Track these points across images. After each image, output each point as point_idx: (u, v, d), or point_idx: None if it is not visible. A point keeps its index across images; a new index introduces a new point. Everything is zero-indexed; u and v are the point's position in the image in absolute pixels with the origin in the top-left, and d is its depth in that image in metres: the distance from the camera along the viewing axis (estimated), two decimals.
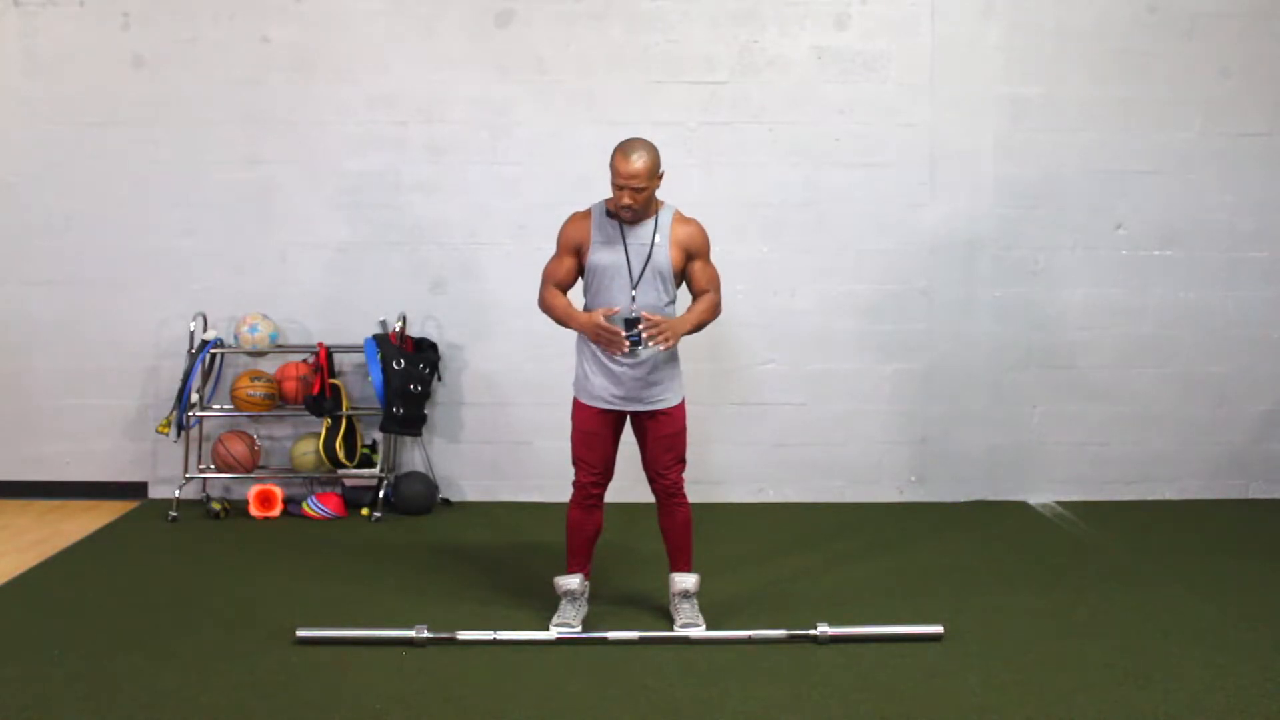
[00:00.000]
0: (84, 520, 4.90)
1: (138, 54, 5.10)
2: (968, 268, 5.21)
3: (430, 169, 5.14)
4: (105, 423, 5.24)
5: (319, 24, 5.09)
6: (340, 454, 4.95)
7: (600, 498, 3.61)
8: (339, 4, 5.09)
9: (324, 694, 3.10)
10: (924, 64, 5.12)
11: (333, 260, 5.19)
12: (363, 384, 5.18)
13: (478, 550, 4.50)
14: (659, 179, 3.43)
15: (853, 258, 5.19)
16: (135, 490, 5.27)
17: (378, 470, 5.08)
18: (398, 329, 5.04)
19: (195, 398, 5.00)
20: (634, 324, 3.42)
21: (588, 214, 3.54)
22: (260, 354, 5.14)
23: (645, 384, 3.49)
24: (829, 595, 3.94)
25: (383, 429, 4.97)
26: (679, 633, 3.53)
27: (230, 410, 5.11)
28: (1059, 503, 5.27)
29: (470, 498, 5.29)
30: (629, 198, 3.37)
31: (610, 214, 3.49)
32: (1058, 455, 5.30)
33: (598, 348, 3.48)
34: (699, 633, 3.52)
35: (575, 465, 3.58)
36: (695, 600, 3.65)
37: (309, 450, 5.01)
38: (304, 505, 4.99)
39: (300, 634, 3.45)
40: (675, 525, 3.64)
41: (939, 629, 3.52)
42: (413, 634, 3.43)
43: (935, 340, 5.24)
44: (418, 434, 5.07)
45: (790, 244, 5.18)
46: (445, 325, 5.22)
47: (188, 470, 5.05)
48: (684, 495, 3.63)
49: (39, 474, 5.27)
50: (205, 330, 5.09)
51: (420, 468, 5.25)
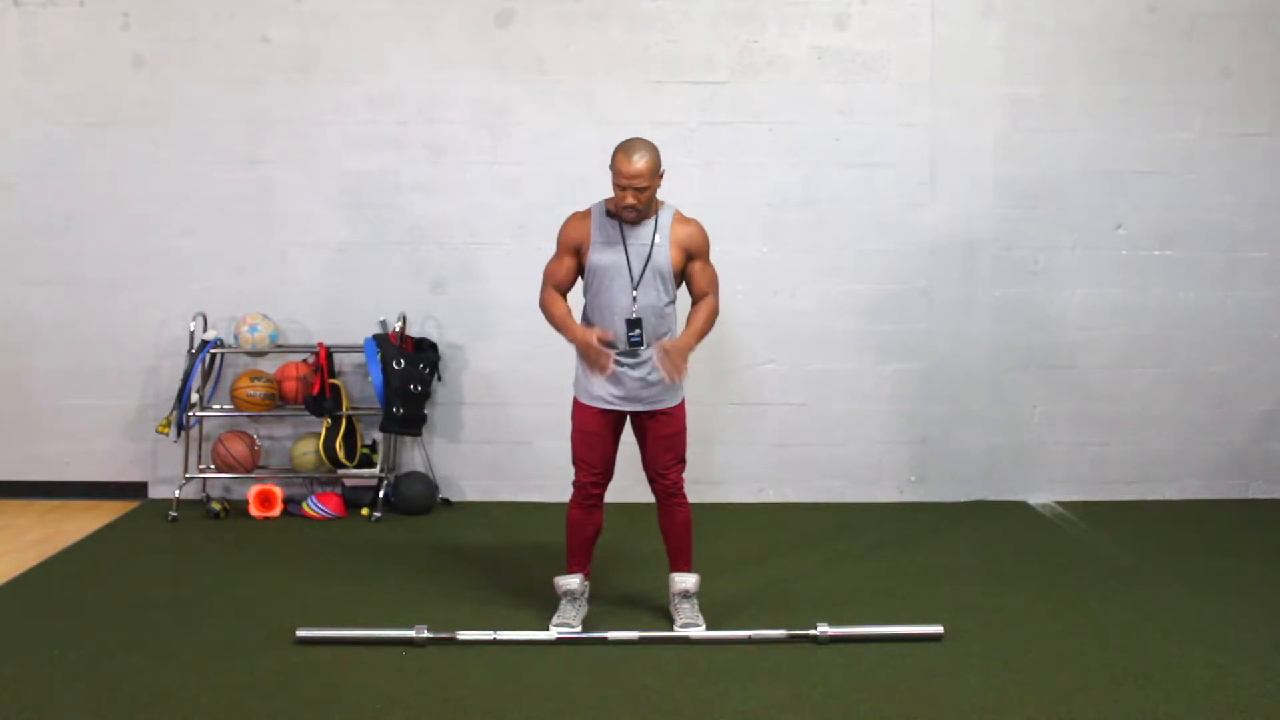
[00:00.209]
0: (84, 520, 4.90)
1: (138, 54, 5.10)
2: (968, 268, 5.21)
3: (430, 169, 5.14)
4: (105, 423, 5.24)
5: (319, 24, 5.09)
6: (340, 454, 4.95)
7: (600, 498, 3.61)
8: (339, 4, 5.09)
9: (324, 694, 3.10)
10: (924, 64, 5.13)
11: (333, 260, 5.19)
12: (363, 384, 5.18)
13: (478, 550, 4.50)
14: (660, 178, 3.43)
15: (853, 258, 5.19)
16: (135, 490, 5.27)
17: (378, 470, 5.08)
18: (398, 329, 5.04)
19: (195, 398, 5.00)
20: (635, 325, 3.43)
21: (587, 214, 3.54)
22: (260, 354, 5.14)
23: (645, 384, 3.49)
24: (829, 595, 3.94)
25: (383, 429, 4.97)
26: (679, 633, 3.53)
27: (230, 410, 5.11)
28: (1059, 503, 5.27)
29: (470, 498, 5.29)
30: (632, 197, 3.37)
31: (610, 214, 3.49)
32: (1058, 455, 5.30)
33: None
34: (699, 633, 3.52)
35: (575, 465, 3.59)
36: (695, 600, 3.65)
37: (309, 450, 5.01)
38: (304, 505, 5.00)
39: (300, 634, 3.45)
40: (675, 525, 3.64)
41: (939, 629, 3.52)
42: (413, 634, 3.43)
43: (935, 340, 5.24)
44: (418, 434, 5.07)
45: (790, 244, 5.18)
46: (445, 325, 5.22)
47: (188, 470, 5.05)
48: (684, 495, 3.63)
49: (39, 474, 5.27)
50: (205, 330, 5.10)
51: (420, 468, 5.25)
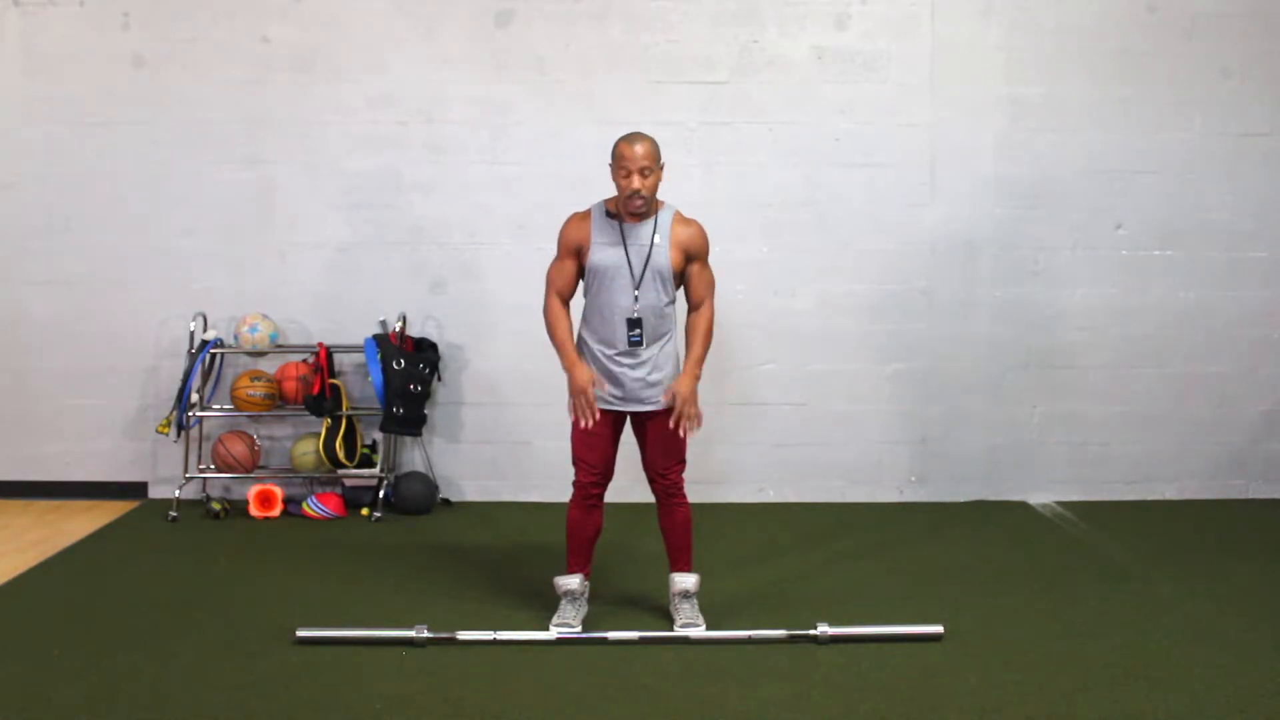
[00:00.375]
0: (84, 520, 4.90)
1: (138, 54, 5.10)
2: (968, 268, 5.21)
3: (430, 169, 5.14)
4: (105, 423, 5.24)
5: (319, 24, 5.09)
6: (340, 454, 4.95)
7: (600, 498, 3.61)
8: (339, 4, 5.09)
9: (324, 694, 3.10)
10: (924, 64, 5.13)
11: (333, 260, 5.19)
12: (363, 384, 5.18)
13: (478, 550, 4.50)
14: (661, 170, 3.44)
15: (853, 258, 5.19)
16: (135, 490, 5.27)
17: (378, 470, 5.08)
18: (398, 329, 5.04)
19: (195, 398, 5.00)
20: (636, 324, 3.43)
21: (587, 215, 3.54)
22: (260, 354, 5.14)
23: (645, 384, 3.50)
24: (829, 595, 3.94)
25: (383, 429, 4.97)
26: (679, 633, 3.53)
27: (230, 410, 5.11)
28: (1059, 503, 5.27)
29: (470, 498, 5.29)
30: (638, 180, 3.36)
31: (610, 214, 3.49)
32: (1058, 455, 5.30)
33: (599, 349, 3.49)
34: (699, 633, 3.52)
35: (575, 465, 3.58)
36: (695, 600, 3.65)
37: (309, 450, 5.01)
38: (304, 505, 4.99)
39: (300, 634, 3.45)
40: (675, 525, 3.64)
41: (939, 629, 3.52)
42: (413, 634, 3.43)
43: (935, 340, 5.24)
44: (418, 434, 5.07)
45: (790, 244, 5.18)
46: (445, 325, 5.22)
47: (188, 470, 5.05)
48: (684, 495, 3.63)
49: (39, 474, 5.27)
50: (205, 330, 5.09)
51: (420, 468, 5.25)
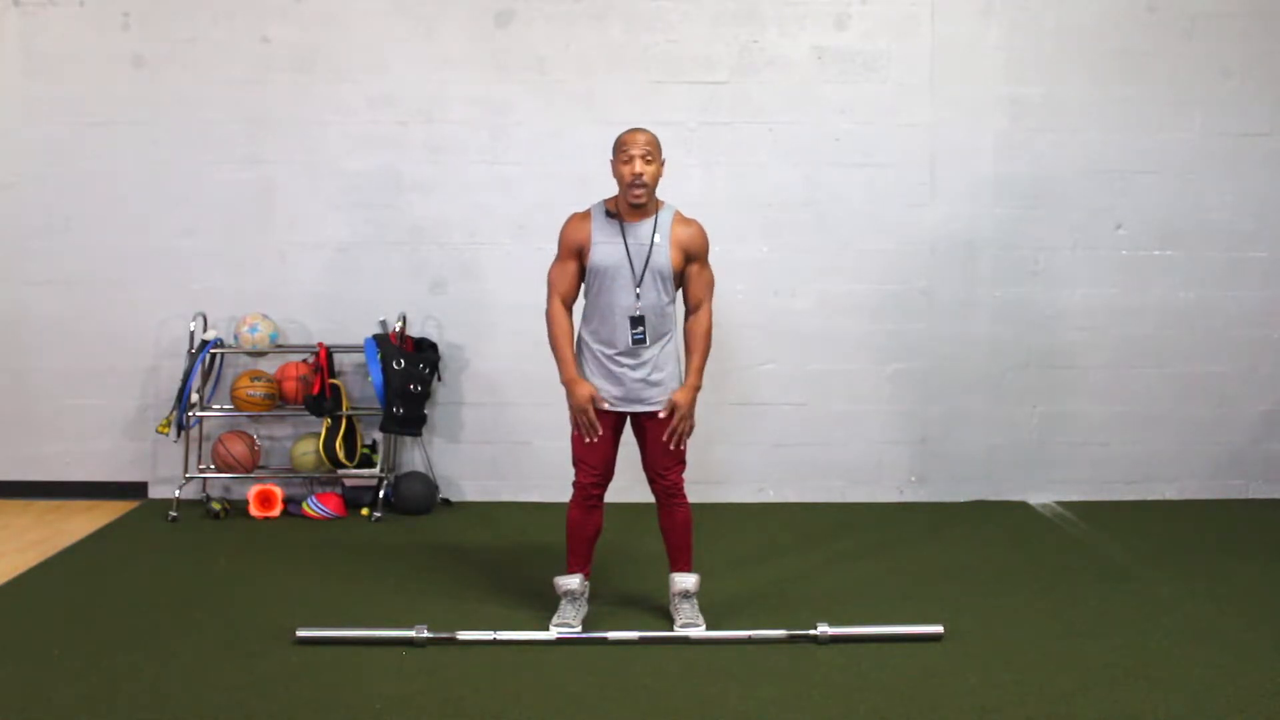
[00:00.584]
0: (84, 520, 4.90)
1: (138, 54, 5.10)
2: (968, 268, 5.21)
3: (430, 169, 5.14)
4: (105, 423, 5.24)
5: (319, 24, 5.09)
6: (340, 454, 4.95)
7: (600, 498, 3.60)
8: (339, 4, 5.09)
9: (324, 694, 3.10)
10: (924, 64, 5.13)
11: (333, 260, 5.19)
12: (363, 384, 5.18)
13: (478, 550, 4.50)
14: (663, 165, 3.45)
15: (853, 258, 5.19)
16: (135, 490, 5.27)
17: (378, 470, 5.08)
18: (398, 329, 5.04)
19: (195, 398, 5.00)
20: (639, 322, 3.43)
21: (587, 214, 3.54)
22: (260, 354, 5.14)
23: (646, 385, 3.50)
24: (829, 595, 3.94)
25: (383, 429, 4.97)
26: (679, 633, 3.53)
27: (230, 410, 5.11)
28: (1059, 503, 5.27)
29: (470, 498, 5.29)
30: (640, 164, 3.37)
31: (610, 214, 3.49)
32: (1058, 455, 5.30)
33: (599, 349, 3.49)
34: (699, 633, 3.52)
35: (575, 466, 3.58)
36: (695, 600, 3.65)
37: (309, 450, 5.01)
38: (304, 505, 4.99)
39: (300, 634, 3.45)
40: (675, 525, 3.64)
41: (939, 629, 3.52)
42: (413, 634, 3.43)
43: (935, 340, 5.24)
44: (418, 434, 5.07)
45: (790, 244, 5.18)
46: (445, 325, 5.22)
47: (188, 470, 5.05)
48: (684, 496, 3.63)
49: (39, 474, 5.27)
50: (205, 330, 5.09)
51: (420, 468, 5.25)
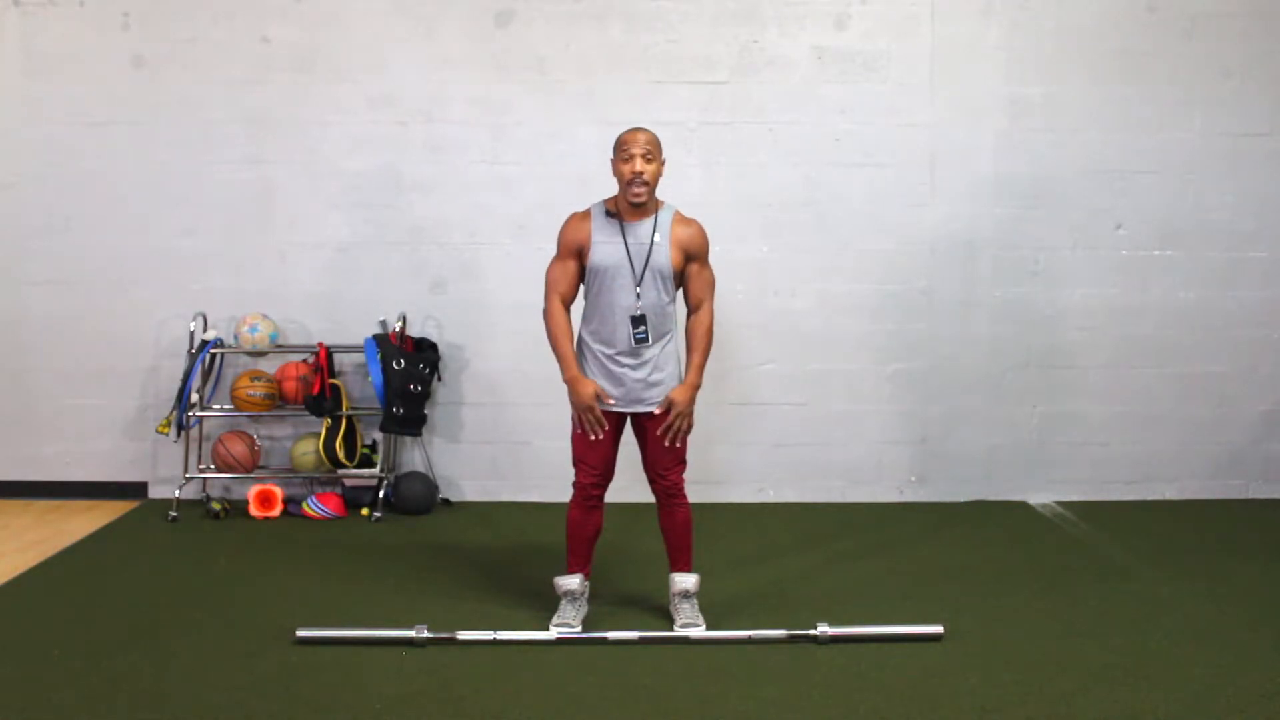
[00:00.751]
0: (84, 520, 4.90)
1: (138, 54, 5.10)
2: (968, 268, 5.21)
3: (430, 169, 5.14)
4: (105, 423, 5.24)
5: (319, 24, 5.09)
6: (340, 454, 4.95)
7: (600, 498, 3.60)
8: (339, 4, 5.09)
9: (324, 694, 3.10)
10: (924, 64, 5.13)
11: (333, 260, 5.19)
12: (363, 384, 5.18)
13: (478, 550, 4.50)
14: (663, 164, 3.46)
15: (853, 258, 5.19)
16: (135, 490, 5.27)
17: (378, 470, 5.08)
18: (398, 329, 5.04)
19: (195, 398, 5.00)
20: (640, 321, 3.43)
21: (587, 214, 3.54)
22: (260, 354, 5.14)
23: (646, 385, 3.50)
24: (829, 595, 3.94)
25: (383, 429, 4.97)
26: (679, 633, 3.53)
27: (230, 410, 5.11)
28: (1059, 503, 5.27)
29: (470, 498, 5.29)
30: (640, 163, 3.37)
31: (610, 214, 3.49)
32: (1058, 455, 5.30)
33: (599, 349, 3.49)
34: (699, 633, 3.52)
35: (575, 466, 3.58)
36: (695, 600, 3.65)
37: (309, 450, 5.01)
38: (304, 505, 4.99)
39: (300, 634, 3.45)
40: (675, 525, 3.64)
41: (939, 629, 3.52)
42: (413, 634, 3.43)
43: (935, 340, 5.24)
44: (418, 434, 5.07)
45: (790, 244, 5.18)
46: (445, 325, 5.22)
47: (188, 470, 5.05)
48: (684, 496, 3.63)
49: (39, 474, 5.27)
50: (205, 330, 5.09)
51: (420, 468, 5.25)
